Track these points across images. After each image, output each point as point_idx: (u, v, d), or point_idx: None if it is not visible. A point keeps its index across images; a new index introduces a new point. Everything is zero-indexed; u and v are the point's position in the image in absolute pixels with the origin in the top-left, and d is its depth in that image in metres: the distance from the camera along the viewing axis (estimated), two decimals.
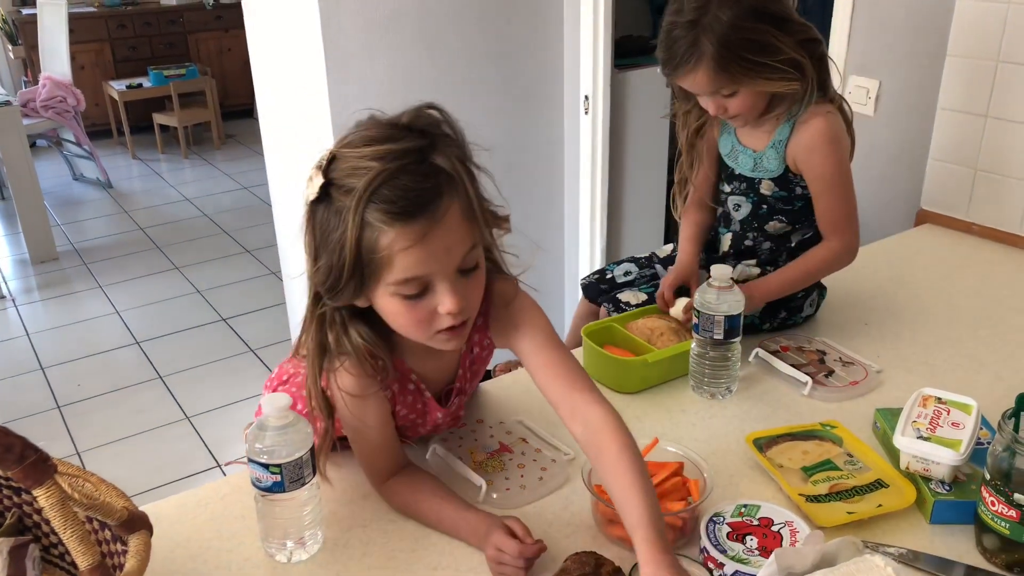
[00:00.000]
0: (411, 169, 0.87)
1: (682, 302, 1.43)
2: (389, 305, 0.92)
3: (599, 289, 1.64)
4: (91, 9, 6.13)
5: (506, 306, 1.06)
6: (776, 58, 1.29)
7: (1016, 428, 0.93)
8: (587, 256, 2.84)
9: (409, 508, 1.05)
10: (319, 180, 0.89)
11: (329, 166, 0.89)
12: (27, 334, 3.54)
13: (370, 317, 0.98)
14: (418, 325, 0.93)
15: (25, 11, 5.90)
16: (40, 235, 4.24)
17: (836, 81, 1.43)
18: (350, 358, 0.98)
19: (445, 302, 0.91)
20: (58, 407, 2.99)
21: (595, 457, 0.97)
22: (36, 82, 5.31)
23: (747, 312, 1.30)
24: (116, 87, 5.80)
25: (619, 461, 0.93)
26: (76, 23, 5.60)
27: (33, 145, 4.85)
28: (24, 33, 5.85)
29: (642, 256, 1.68)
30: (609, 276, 1.66)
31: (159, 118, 5.93)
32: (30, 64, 5.92)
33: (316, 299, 0.96)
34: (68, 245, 4.46)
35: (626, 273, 1.64)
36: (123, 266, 4.19)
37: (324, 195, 0.89)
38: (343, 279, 0.89)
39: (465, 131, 0.97)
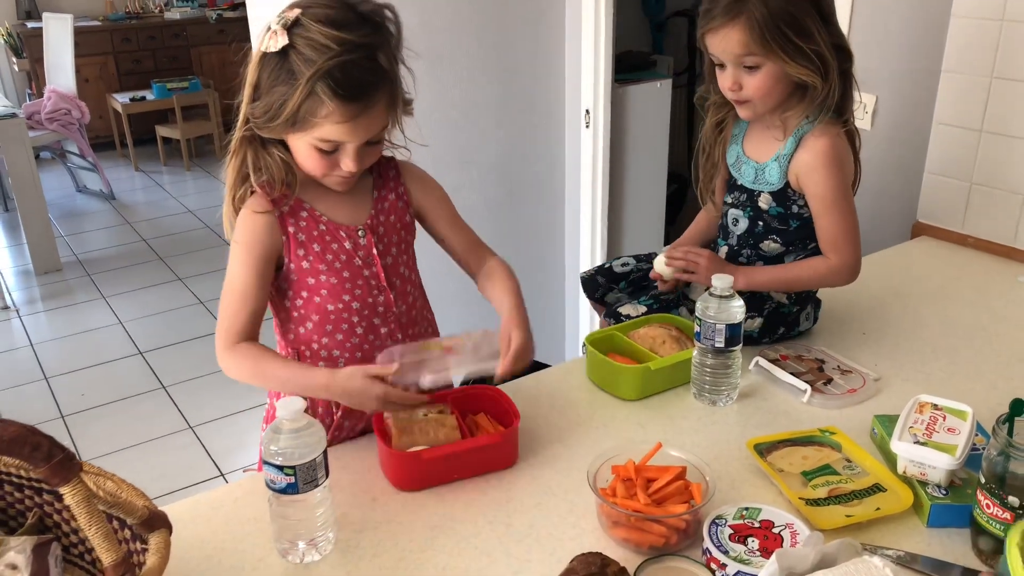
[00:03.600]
0: (360, 62, 1.07)
1: (660, 259, 1.51)
2: (302, 148, 1.14)
3: (597, 283, 1.67)
4: (96, 23, 6.19)
5: (411, 168, 1.31)
6: (809, 45, 1.33)
7: (1010, 432, 0.96)
8: (588, 267, 2.87)
9: (254, 367, 1.17)
10: (283, 40, 1.06)
11: (292, 29, 1.07)
12: (31, 344, 3.57)
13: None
14: (318, 169, 1.15)
15: (31, 24, 5.96)
16: (44, 246, 4.27)
17: (856, 106, 1.45)
18: (264, 178, 1.17)
19: (348, 163, 1.13)
20: (62, 416, 3.01)
21: (486, 279, 1.32)
22: (41, 95, 5.36)
23: None
24: (120, 100, 5.84)
25: (498, 278, 1.30)
26: (81, 36, 5.65)
27: (37, 157, 4.88)
28: (29, 46, 5.90)
29: (642, 253, 1.71)
30: (607, 267, 1.69)
31: (162, 130, 5.97)
32: (35, 77, 5.97)
33: (245, 122, 1.15)
34: (71, 256, 4.49)
35: (624, 264, 1.68)
36: (126, 277, 4.22)
37: (282, 52, 1.07)
38: (277, 120, 1.09)
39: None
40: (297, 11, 1.08)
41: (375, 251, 1.24)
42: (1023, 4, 1.72)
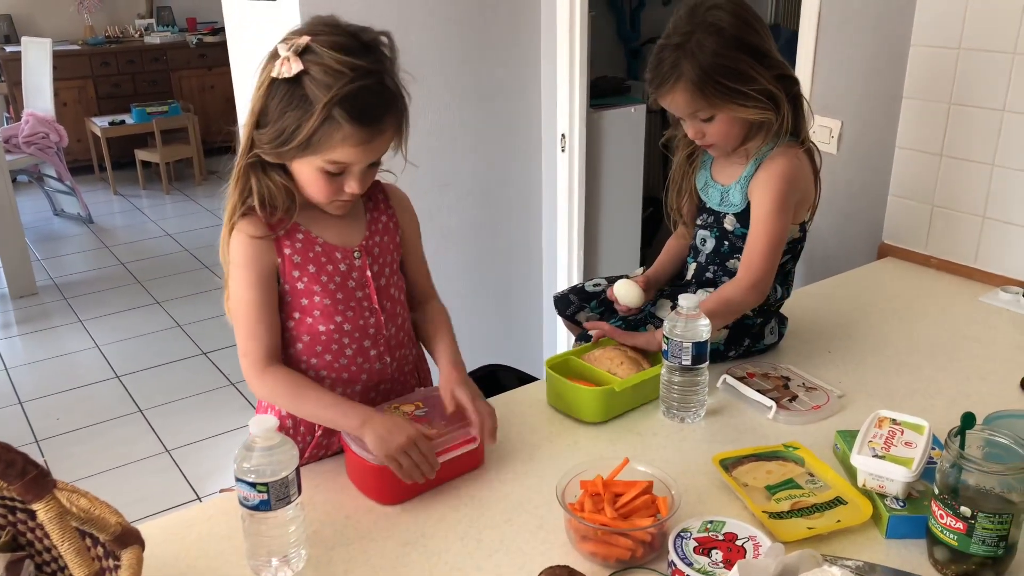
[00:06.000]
0: (373, 87, 1.11)
1: (622, 284, 1.55)
2: (308, 173, 1.16)
3: (568, 301, 1.70)
4: (75, 47, 6.20)
5: (396, 190, 1.34)
6: (751, 87, 1.38)
7: (962, 445, 0.99)
8: (567, 286, 2.91)
9: (291, 394, 1.19)
10: (297, 66, 1.08)
11: (304, 55, 1.09)
12: (5, 368, 3.53)
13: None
14: (324, 193, 1.17)
15: (9, 48, 5.96)
16: (20, 270, 4.24)
17: (811, 124, 1.50)
18: (263, 203, 1.17)
19: (353, 185, 1.17)
20: (36, 441, 2.99)
21: (424, 323, 1.36)
22: (19, 118, 5.35)
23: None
24: (99, 123, 5.84)
25: (440, 325, 1.35)
26: (60, 60, 5.66)
27: (14, 180, 4.87)
28: (8, 70, 5.90)
29: (614, 275, 1.75)
30: (579, 287, 1.73)
31: (141, 154, 5.97)
32: (13, 100, 5.96)
33: (249, 149, 1.16)
34: (48, 280, 4.47)
35: (595, 284, 1.71)
36: (103, 301, 4.20)
37: (294, 79, 1.09)
38: (290, 144, 1.11)
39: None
40: (306, 38, 1.10)
41: (369, 273, 1.25)
42: (978, 34, 1.79)
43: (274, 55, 1.11)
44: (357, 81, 1.08)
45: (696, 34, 1.37)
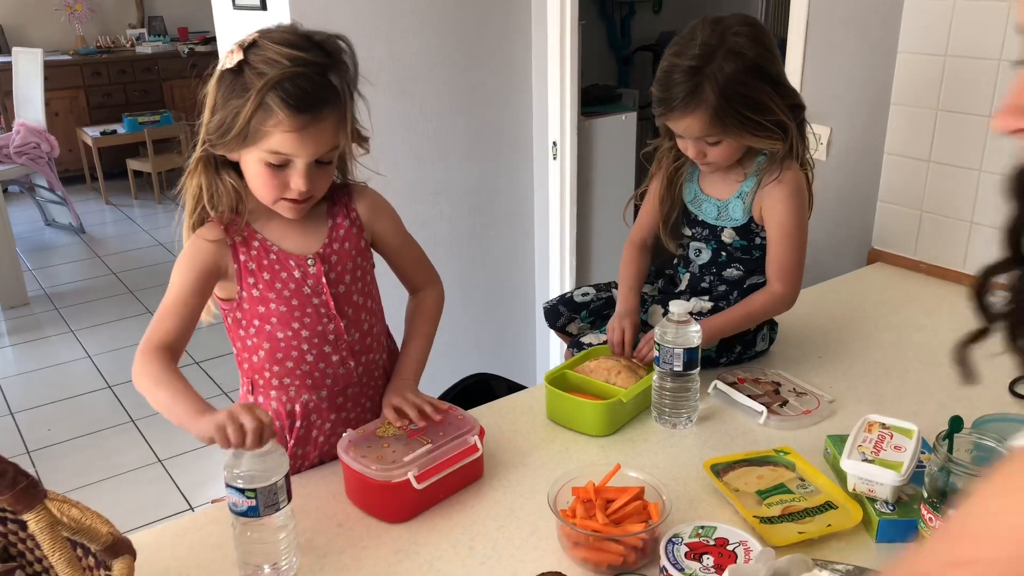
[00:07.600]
0: (311, 77, 1.10)
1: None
2: (254, 167, 1.15)
3: (559, 312, 1.70)
4: (66, 57, 6.20)
5: (363, 191, 1.31)
6: (767, 117, 1.37)
7: (950, 449, 1.00)
8: (556, 295, 2.91)
9: (153, 380, 1.12)
10: (239, 56, 1.11)
11: (249, 49, 1.11)
12: None
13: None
14: (269, 189, 1.16)
15: (0, 59, 5.95)
16: (11, 280, 4.23)
17: (811, 148, 1.51)
18: (218, 205, 1.19)
19: (296, 181, 1.15)
20: (27, 452, 2.97)
21: (411, 311, 1.39)
22: (10, 128, 5.33)
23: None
24: (90, 133, 5.83)
25: (425, 317, 1.38)
26: (51, 70, 5.64)
27: (5, 191, 4.86)
28: None
29: (602, 283, 1.75)
30: (568, 296, 1.72)
31: (133, 164, 5.96)
32: (4, 111, 5.94)
33: (203, 143, 1.17)
34: (39, 290, 4.45)
35: (584, 294, 1.71)
36: (95, 311, 4.19)
37: (238, 69, 1.11)
38: (230, 133, 1.12)
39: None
40: (256, 35, 1.13)
41: (324, 280, 1.24)
42: (964, 41, 1.81)
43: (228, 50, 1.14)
44: (294, 68, 1.09)
45: (716, 59, 1.32)
